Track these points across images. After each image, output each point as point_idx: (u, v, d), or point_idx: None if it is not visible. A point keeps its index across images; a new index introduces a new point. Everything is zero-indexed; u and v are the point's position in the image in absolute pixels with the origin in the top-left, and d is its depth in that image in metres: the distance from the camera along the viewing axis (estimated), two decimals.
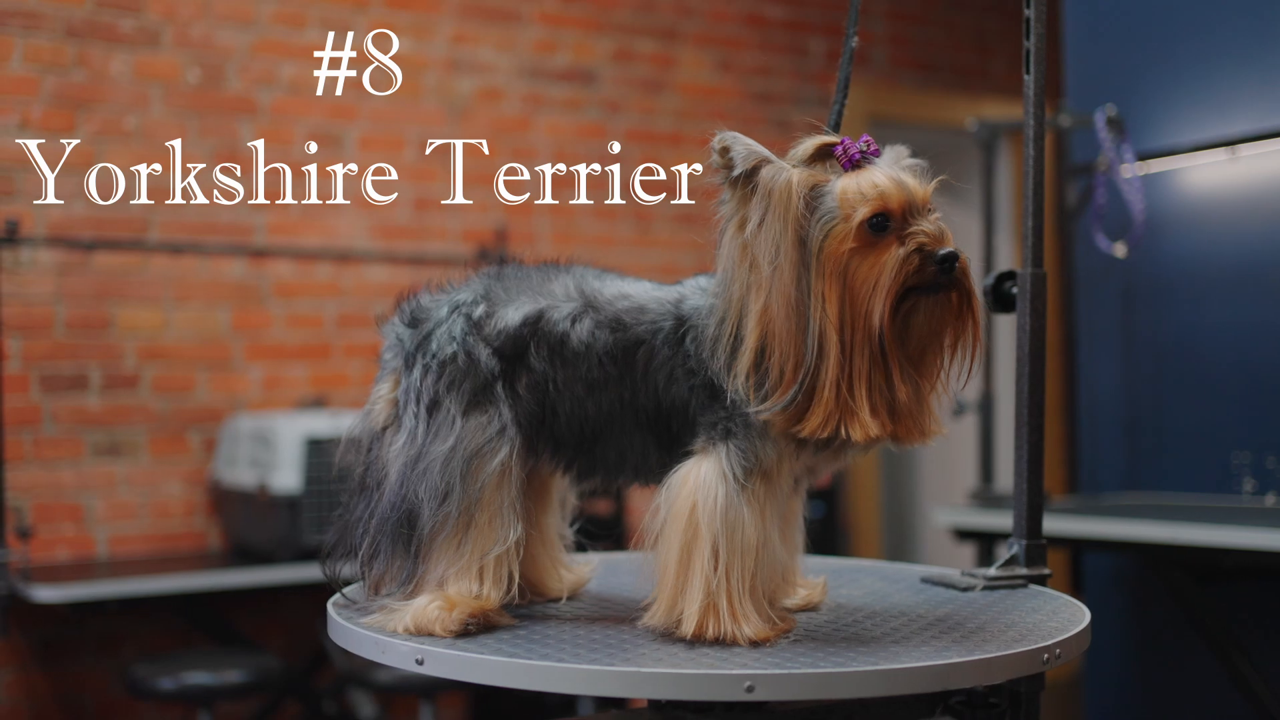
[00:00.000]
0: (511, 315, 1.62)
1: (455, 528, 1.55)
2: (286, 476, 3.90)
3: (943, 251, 1.46)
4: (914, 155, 1.58)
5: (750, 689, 1.34)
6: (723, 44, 5.35)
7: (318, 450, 3.95)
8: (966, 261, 1.49)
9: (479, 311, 1.63)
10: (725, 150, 1.50)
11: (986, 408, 3.87)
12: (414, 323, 1.67)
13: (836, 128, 1.74)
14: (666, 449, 1.58)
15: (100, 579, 3.69)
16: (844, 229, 1.45)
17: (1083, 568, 3.67)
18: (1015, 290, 1.89)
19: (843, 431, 1.44)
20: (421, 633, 1.52)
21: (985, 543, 3.70)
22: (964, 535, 3.69)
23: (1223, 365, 3.54)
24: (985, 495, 3.80)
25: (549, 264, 1.69)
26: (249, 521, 4.05)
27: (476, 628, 1.54)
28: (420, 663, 1.45)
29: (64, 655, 4.08)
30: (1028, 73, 1.88)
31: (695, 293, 1.60)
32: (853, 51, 1.79)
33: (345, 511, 1.69)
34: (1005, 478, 5.41)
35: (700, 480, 1.51)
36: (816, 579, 1.74)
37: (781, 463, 1.52)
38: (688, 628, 1.49)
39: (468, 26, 4.82)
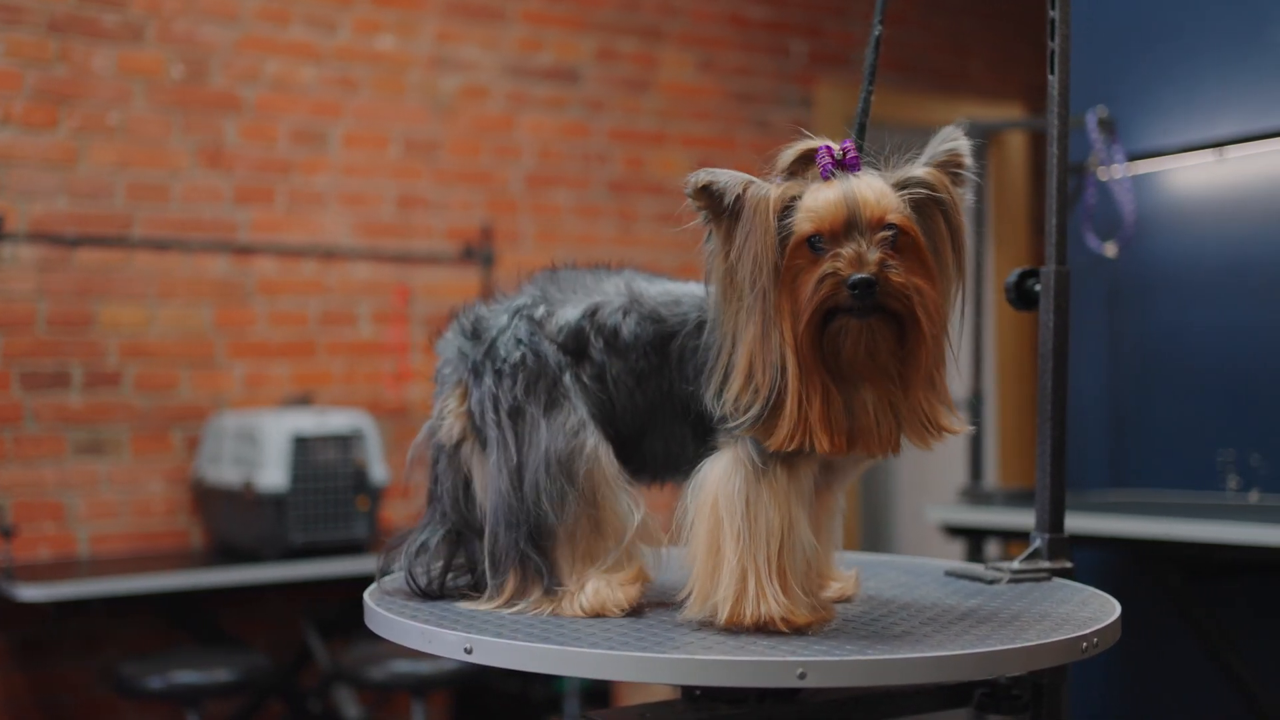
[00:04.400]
0: (570, 312, 1.65)
1: (582, 528, 1.60)
2: (273, 475, 3.88)
3: (854, 277, 1.43)
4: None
5: (802, 675, 1.35)
6: (705, 44, 5.37)
7: (304, 448, 3.95)
8: (901, 286, 1.45)
9: (540, 312, 1.66)
10: (705, 188, 1.48)
11: (975, 405, 3.91)
12: (475, 334, 1.69)
13: (864, 113, 1.74)
14: (702, 440, 1.60)
15: (82, 578, 3.67)
16: (794, 243, 1.47)
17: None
18: (1038, 288, 1.91)
19: (807, 445, 1.46)
20: (597, 613, 1.59)
21: (974, 539, 3.73)
22: (954, 531, 3.72)
23: (1208, 364, 3.59)
24: (975, 492, 3.83)
25: (600, 267, 1.72)
26: (233, 520, 4.03)
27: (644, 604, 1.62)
28: (469, 651, 1.45)
29: (44, 655, 4.05)
30: (1052, 73, 1.90)
31: None
32: (878, 40, 1.80)
33: (422, 523, 1.73)
34: (993, 474, 5.47)
35: (721, 472, 1.54)
36: (849, 571, 1.76)
37: (798, 454, 1.54)
38: (721, 616, 1.50)
39: (452, 24, 4.82)
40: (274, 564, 3.88)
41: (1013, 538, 3.74)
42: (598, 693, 4.45)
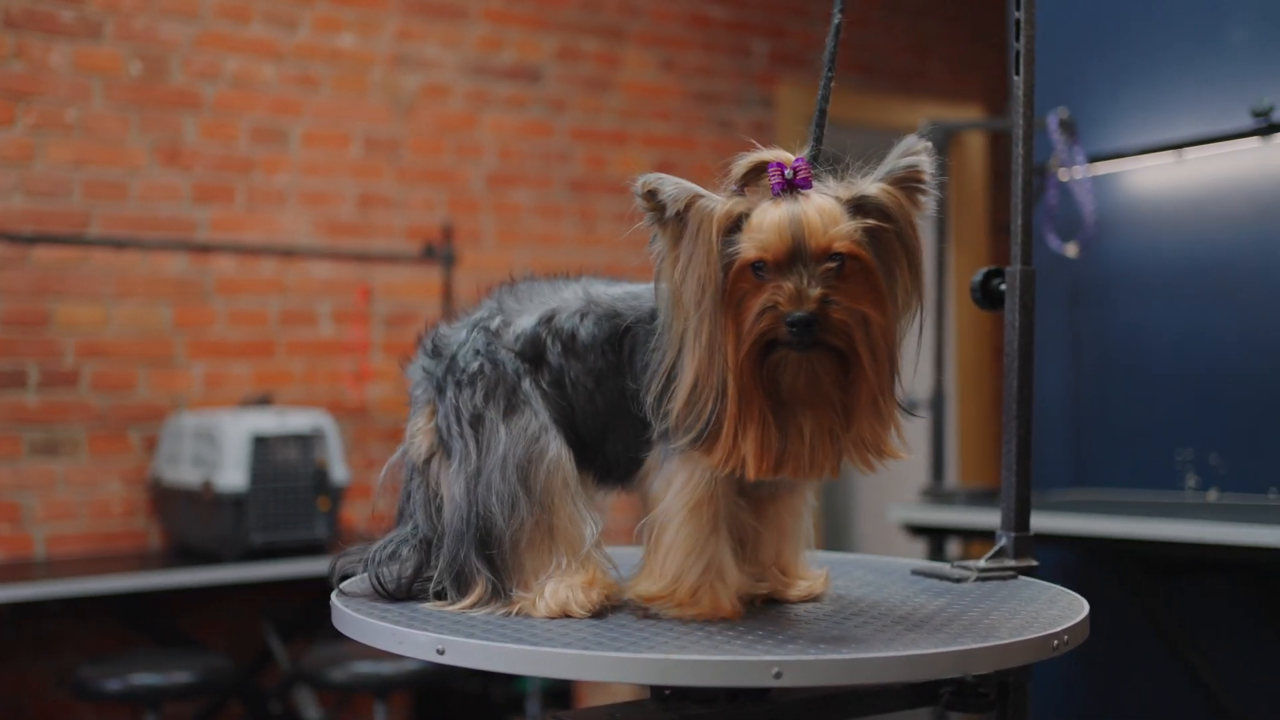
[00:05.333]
0: (526, 320, 1.66)
1: (535, 534, 1.58)
2: (232, 475, 3.85)
3: (792, 315, 1.41)
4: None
5: (778, 675, 1.35)
6: (666, 44, 5.37)
7: (264, 448, 3.92)
8: (842, 322, 1.44)
9: (496, 323, 1.66)
10: (652, 193, 1.47)
11: (937, 405, 3.92)
12: (436, 352, 1.69)
13: (825, 99, 1.73)
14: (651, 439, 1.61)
15: (38, 579, 3.63)
16: (738, 267, 1.45)
17: None
18: (1004, 287, 1.92)
19: (738, 471, 1.46)
20: (560, 614, 1.57)
21: (936, 538, 3.75)
22: (916, 531, 3.73)
23: (1167, 364, 3.62)
24: (936, 492, 3.85)
25: (559, 277, 1.72)
26: (192, 520, 3.99)
27: (608, 608, 1.60)
28: (441, 652, 1.44)
29: (1, 657, 4.00)
30: (1017, 73, 1.91)
31: None
32: (838, 28, 1.79)
33: (392, 533, 1.72)
34: (953, 474, 5.49)
35: (646, 468, 1.59)
36: (818, 570, 1.76)
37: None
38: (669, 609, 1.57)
39: (413, 23, 4.79)
40: (233, 565, 3.85)
41: (974, 537, 3.76)
42: (559, 693, 4.44)
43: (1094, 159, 3.67)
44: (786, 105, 5.57)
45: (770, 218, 1.45)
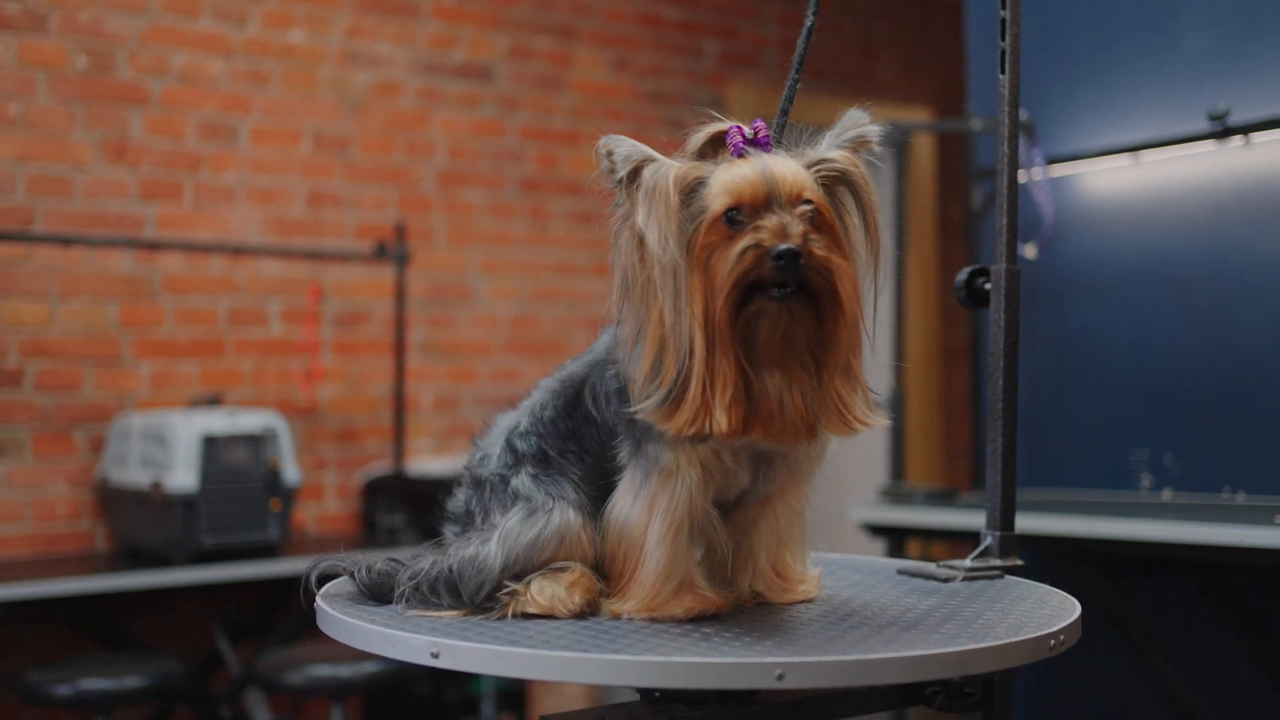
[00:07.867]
0: (497, 447, 1.68)
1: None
2: (183, 476, 3.80)
3: (779, 248, 1.41)
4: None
5: (781, 677, 1.34)
6: (618, 43, 5.35)
7: (214, 449, 3.86)
8: (824, 259, 1.44)
9: (475, 460, 1.70)
10: (611, 153, 1.49)
11: (897, 404, 3.93)
12: (454, 519, 1.73)
13: (789, 100, 1.74)
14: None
15: None
16: (707, 221, 1.44)
17: None
18: (988, 286, 1.92)
19: (706, 428, 1.44)
20: (548, 612, 1.56)
21: (896, 538, 3.76)
22: (876, 530, 3.74)
23: (1121, 364, 3.65)
24: (896, 491, 3.85)
25: (521, 398, 1.74)
26: (141, 522, 3.93)
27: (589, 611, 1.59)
28: (436, 656, 1.42)
29: None
30: (1003, 73, 1.92)
31: None
32: (809, 30, 1.80)
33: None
34: (913, 474, 5.50)
35: (616, 496, 1.58)
36: (813, 571, 1.75)
37: (680, 461, 1.53)
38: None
39: (364, 19, 4.74)
40: (184, 567, 3.79)
41: (935, 537, 3.77)
42: (513, 694, 4.41)
43: (1051, 161, 3.69)
44: (737, 105, 5.57)
45: (740, 169, 1.46)
